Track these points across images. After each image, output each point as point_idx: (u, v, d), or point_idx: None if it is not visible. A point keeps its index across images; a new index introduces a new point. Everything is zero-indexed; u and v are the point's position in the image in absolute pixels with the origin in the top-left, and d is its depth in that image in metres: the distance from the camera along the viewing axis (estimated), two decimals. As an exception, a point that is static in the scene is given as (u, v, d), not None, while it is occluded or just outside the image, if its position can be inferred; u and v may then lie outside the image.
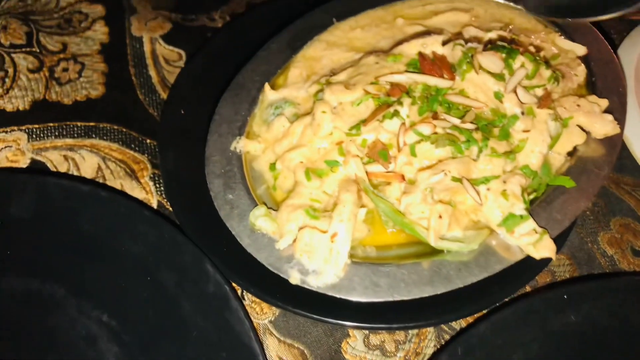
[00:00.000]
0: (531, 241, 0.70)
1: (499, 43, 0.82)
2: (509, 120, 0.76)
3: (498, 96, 0.77)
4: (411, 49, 0.82)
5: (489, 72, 0.77)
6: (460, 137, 0.73)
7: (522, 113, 0.77)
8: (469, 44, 0.81)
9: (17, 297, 0.75)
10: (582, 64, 0.87)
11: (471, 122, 0.74)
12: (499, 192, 0.71)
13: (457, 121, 0.74)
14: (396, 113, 0.73)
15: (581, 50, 0.89)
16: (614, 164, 0.78)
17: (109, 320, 0.74)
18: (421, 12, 0.94)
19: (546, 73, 0.81)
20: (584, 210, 0.88)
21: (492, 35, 0.85)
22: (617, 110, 0.82)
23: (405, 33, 0.89)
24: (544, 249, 0.70)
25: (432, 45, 0.81)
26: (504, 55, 0.79)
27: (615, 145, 0.79)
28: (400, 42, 0.84)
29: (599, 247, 0.85)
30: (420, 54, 0.81)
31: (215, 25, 1.11)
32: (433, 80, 0.77)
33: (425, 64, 0.79)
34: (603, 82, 0.85)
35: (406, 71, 0.79)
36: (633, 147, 0.90)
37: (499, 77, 0.77)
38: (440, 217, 0.68)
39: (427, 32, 0.86)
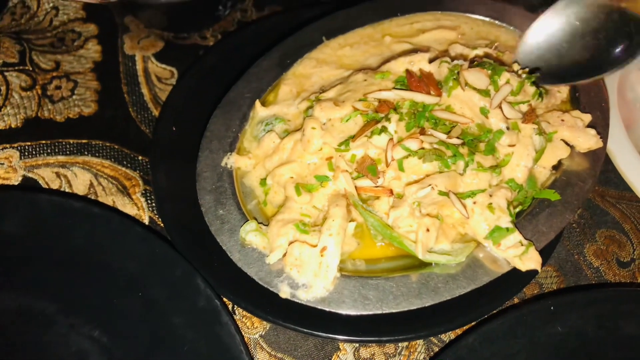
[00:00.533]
0: (517, 253, 0.71)
1: (485, 60, 0.84)
2: (494, 135, 0.78)
3: (484, 112, 0.79)
4: (399, 67, 0.84)
5: (474, 89, 0.79)
6: (447, 152, 0.74)
7: (507, 128, 0.78)
8: (455, 61, 0.83)
9: (9, 314, 0.75)
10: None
11: (457, 137, 0.76)
12: (485, 205, 0.72)
13: (443, 136, 0.75)
14: (384, 129, 0.75)
15: None
16: (597, 177, 0.80)
17: (100, 336, 0.74)
18: (409, 30, 0.96)
19: (530, 89, 0.83)
20: (570, 223, 0.89)
21: (478, 52, 0.87)
22: (600, 125, 0.84)
23: (393, 51, 0.91)
24: (530, 261, 0.71)
25: (419, 63, 0.83)
26: (489, 71, 0.81)
27: (599, 158, 0.81)
28: (388, 60, 0.86)
29: (585, 259, 0.86)
30: (408, 71, 0.83)
31: (206, 44, 1.13)
32: (420, 97, 0.79)
33: (412, 80, 0.81)
34: (586, 97, 0.87)
35: (394, 88, 0.80)
36: (617, 161, 0.92)
37: (484, 93, 0.79)
38: (427, 230, 0.69)
39: (415, 50, 0.88)
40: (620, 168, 0.91)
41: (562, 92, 0.88)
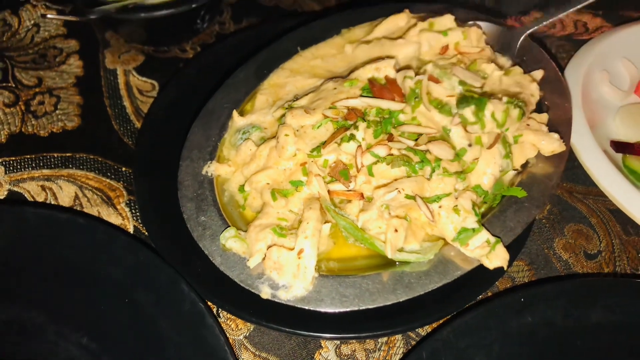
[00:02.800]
0: (484, 253, 0.74)
1: (467, 94, 0.85)
2: (458, 151, 0.81)
3: (445, 131, 0.82)
4: (366, 74, 0.87)
5: (437, 107, 0.82)
6: (415, 157, 0.77)
7: (470, 145, 0.81)
8: (417, 77, 0.85)
9: (-2, 325, 0.77)
10: (534, 82, 0.92)
11: (425, 144, 0.79)
12: (451, 208, 0.75)
13: (411, 143, 0.79)
14: (352, 137, 0.78)
15: (539, 74, 0.93)
16: (561, 174, 0.83)
17: (89, 343, 0.76)
18: (366, 31, 1.00)
19: (515, 112, 0.84)
20: (540, 218, 0.93)
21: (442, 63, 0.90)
22: (564, 124, 0.88)
23: (356, 57, 0.94)
24: (497, 258, 0.74)
25: (385, 69, 0.87)
26: (473, 107, 0.82)
27: (563, 156, 0.85)
28: (356, 68, 0.90)
29: (555, 253, 0.90)
30: (370, 81, 0.86)
31: (186, 56, 1.16)
32: (385, 104, 0.82)
33: (375, 89, 0.84)
34: (550, 99, 0.91)
35: (360, 95, 0.84)
36: (582, 158, 0.96)
37: (446, 112, 0.82)
38: (396, 230, 0.72)
39: (381, 57, 0.91)
40: (586, 165, 0.96)
41: (534, 94, 0.90)
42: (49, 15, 1.12)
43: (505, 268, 0.74)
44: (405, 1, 1.04)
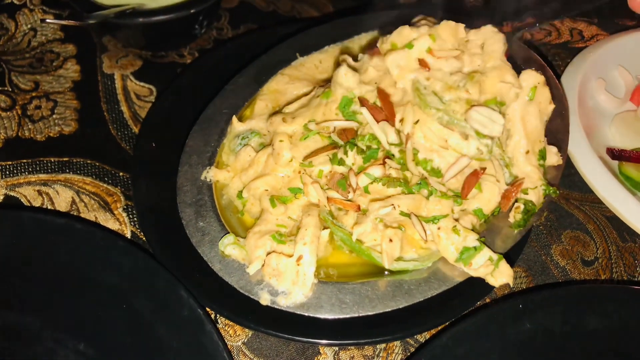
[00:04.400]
0: (488, 271, 0.74)
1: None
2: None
3: (441, 184, 0.78)
4: (335, 87, 0.83)
5: (425, 167, 0.78)
6: (412, 178, 0.77)
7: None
8: (399, 146, 0.80)
9: (-6, 331, 0.77)
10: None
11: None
12: (450, 228, 0.75)
13: (408, 173, 0.78)
14: (342, 161, 0.78)
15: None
16: (558, 181, 0.84)
17: (87, 349, 0.76)
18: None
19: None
20: (537, 225, 0.94)
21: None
22: (561, 131, 0.89)
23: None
24: (502, 275, 0.74)
25: (340, 81, 0.82)
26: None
27: (560, 165, 0.85)
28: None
29: (552, 259, 0.91)
30: (360, 99, 0.82)
31: (184, 61, 1.16)
32: (378, 132, 0.78)
33: (367, 108, 0.80)
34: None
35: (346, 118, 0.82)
36: (579, 165, 0.97)
37: (437, 174, 0.78)
38: (390, 240, 0.72)
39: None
40: (583, 172, 0.96)
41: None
42: (48, 20, 1.11)
43: (511, 284, 0.74)
44: (404, 8, 1.05)
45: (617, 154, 1.01)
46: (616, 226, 0.94)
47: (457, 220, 0.76)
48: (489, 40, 0.85)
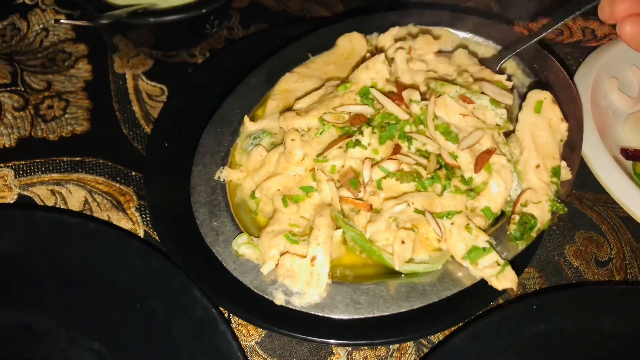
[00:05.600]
0: (493, 273, 0.73)
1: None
2: (468, 179, 0.80)
3: (453, 155, 0.80)
4: (358, 75, 0.87)
5: (442, 132, 0.80)
6: (425, 174, 0.77)
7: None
8: (423, 102, 0.82)
9: (9, 330, 0.77)
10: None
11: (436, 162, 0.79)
12: (463, 226, 0.75)
13: (423, 161, 0.78)
14: (358, 142, 0.78)
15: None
16: (572, 184, 0.83)
17: (100, 348, 0.76)
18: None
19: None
20: (551, 226, 0.93)
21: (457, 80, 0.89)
22: (575, 132, 0.88)
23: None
24: (506, 280, 0.73)
25: (375, 66, 0.85)
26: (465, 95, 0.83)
27: (574, 164, 0.85)
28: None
29: (566, 260, 0.90)
30: (372, 88, 0.84)
31: (195, 61, 1.16)
32: (391, 106, 0.81)
33: (386, 94, 0.83)
34: (561, 106, 0.91)
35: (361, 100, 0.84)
36: (592, 165, 0.96)
37: (453, 138, 0.79)
38: (403, 242, 0.72)
39: (372, 53, 0.90)
40: (596, 172, 0.96)
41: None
42: (62, 21, 1.12)
43: (514, 289, 0.74)
44: (414, 7, 1.05)
45: (631, 154, 1.00)
46: (630, 227, 0.94)
47: (468, 218, 0.75)
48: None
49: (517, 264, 0.77)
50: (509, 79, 0.94)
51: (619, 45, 1.14)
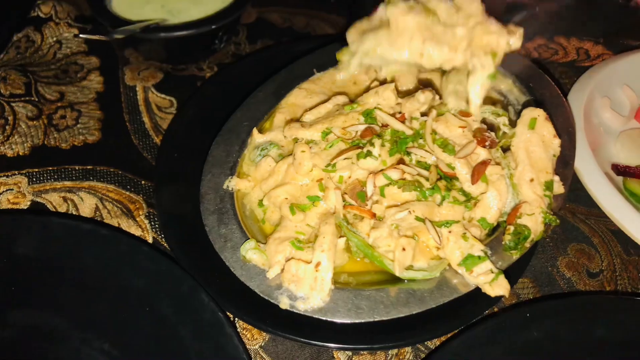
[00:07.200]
0: (487, 280, 0.77)
1: None
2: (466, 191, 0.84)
3: (450, 167, 0.84)
4: (367, 99, 0.91)
5: (441, 146, 0.84)
6: (426, 184, 0.82)
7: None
8: (422, 118, 0.88)
9: (23, 331, 0.80)
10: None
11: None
12: (460, 234, 0.79)
13: (425, 172, 0.83)
14: (369, 153, 0.82)
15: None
16: (565, 197, 0.87)
17: (111, 349, 0.79)
18: None
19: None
20: (544, 238, 0.97)
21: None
22: (568, 148, 0.92)
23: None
24: (499, 287, 0.77)
25: (384, 93, 0.90)
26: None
27: (567, 179, 0.89)
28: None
29: (558, 271, 0.94)
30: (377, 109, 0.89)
31: (203, 75, 1.20)
32: (398, 125, 0.86)
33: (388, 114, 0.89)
34: (554, 123, 0.95)
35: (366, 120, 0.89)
36: (585, 180, 1.00)
37: (450, 151, 0.84)
38: (403, 249, 0.76)
39: (382, 82, 0.96)
40: (588, 187, 1.00)
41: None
42: (81, 35, 1.16)
43: (507, 296, 0.77)
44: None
45: (621, 170, 1.04)
46: (621, 240, 0.97)
47: (466, 228, 0.79)
48: (464, 4, 0.88)
49: (512, 273, 0.80)
50: (505, 96, 0.99)
51: (612, 65, 1.19)
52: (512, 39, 0.84)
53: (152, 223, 0.96)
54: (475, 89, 0.85)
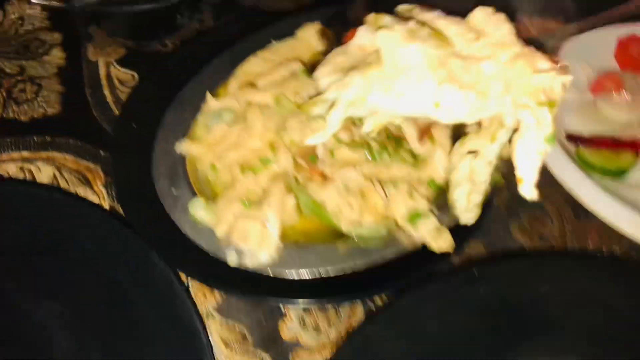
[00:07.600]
0: (432, 236, 0.79)
1: None
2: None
3: (398, 128, 0.85)
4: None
5: None
6: (375, 145, 0.83)
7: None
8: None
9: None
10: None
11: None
12: (405, 191, 0.81)
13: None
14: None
15: None
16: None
17: (63, 310, 0.79)
18: None
19: None
20: (497, 204, 0.98)
21: None
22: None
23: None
24: (444, 243, 0.79)
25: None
26: None
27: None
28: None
29: (511, 235, 0.95)
30: None
31: (167, 50, 1.20)
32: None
33: None
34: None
35: None
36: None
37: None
38: (351, 206, 0.78)
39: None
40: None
41: None
42: (33, 1, 1.16)
43: (451, 252, 0.79)
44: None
45: (574, 139, 1.06)
46: (572, 206, 0.99)
47: (413, 187, 0.81)
48: (488, 27, 0.67)
49: (461, 233, 0.82)
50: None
51: (569, 44, 1.21)
52: (564, 78, 0.62)
53: (109, 191, 0.96)
54: (531, 158, 0.65)
